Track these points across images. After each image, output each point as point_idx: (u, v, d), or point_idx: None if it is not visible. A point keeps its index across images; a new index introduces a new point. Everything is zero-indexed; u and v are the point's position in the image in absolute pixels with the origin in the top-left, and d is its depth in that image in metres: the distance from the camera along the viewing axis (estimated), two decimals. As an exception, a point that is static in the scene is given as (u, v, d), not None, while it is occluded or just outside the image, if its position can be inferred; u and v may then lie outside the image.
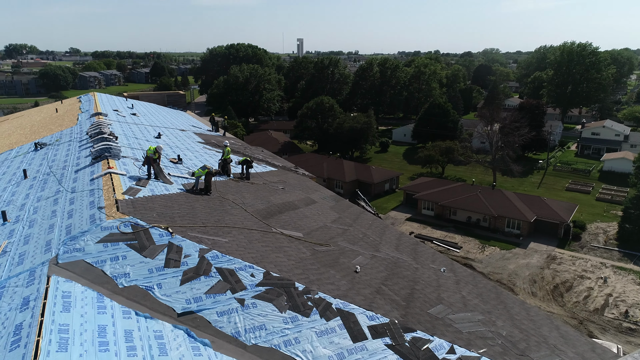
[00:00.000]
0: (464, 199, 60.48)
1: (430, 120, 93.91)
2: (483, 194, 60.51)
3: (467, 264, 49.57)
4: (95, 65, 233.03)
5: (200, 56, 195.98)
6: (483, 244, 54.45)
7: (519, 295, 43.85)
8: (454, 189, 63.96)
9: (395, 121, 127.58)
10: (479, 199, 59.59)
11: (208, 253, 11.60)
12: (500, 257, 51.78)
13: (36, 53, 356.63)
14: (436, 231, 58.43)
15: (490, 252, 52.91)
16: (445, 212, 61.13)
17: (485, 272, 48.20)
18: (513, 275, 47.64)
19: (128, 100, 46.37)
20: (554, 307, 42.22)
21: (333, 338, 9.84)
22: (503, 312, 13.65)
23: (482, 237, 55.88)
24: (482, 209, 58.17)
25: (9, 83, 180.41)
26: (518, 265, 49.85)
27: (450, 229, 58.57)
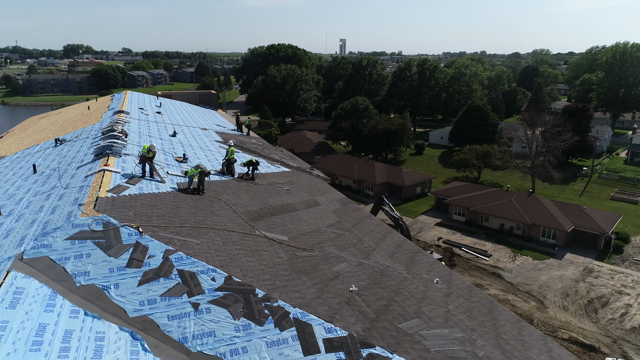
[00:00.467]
0: (497, 206, 58.17)
1: (468, 123, 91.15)
2: (518, 201, 57.97)
3: (496, 273, 47.67)
4: (144, 64, 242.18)
5: (242, 56, 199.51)
6: (515, 253, 52.14)
7: (549, 308, 41.65)
8: (488, 195, 61.67)
9: (434, 123, 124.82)
10: (513, 206, 57.14)
11: (173, 254, 11.47)
12: (532, 267, 49.37)
13: (91, 53, 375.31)
14: (466, 237, 56.50)
15: (521, 261, 50.56)
16: (476, 218, 59.02)
17: (514, 282, 46.15)
18: (544, 287, 45.27)
19: (159, 99, 47.58)
20: (587, 323, 39.74)
21: (283, 349, 9.43)
22: (490, 329, 12.75)
23: (515, 246, 53.53)
24: (516, 216, 55.72)
25: (64, 81, 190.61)
26: (551, 276, 47.34)
27: (481, 236, 56.47)
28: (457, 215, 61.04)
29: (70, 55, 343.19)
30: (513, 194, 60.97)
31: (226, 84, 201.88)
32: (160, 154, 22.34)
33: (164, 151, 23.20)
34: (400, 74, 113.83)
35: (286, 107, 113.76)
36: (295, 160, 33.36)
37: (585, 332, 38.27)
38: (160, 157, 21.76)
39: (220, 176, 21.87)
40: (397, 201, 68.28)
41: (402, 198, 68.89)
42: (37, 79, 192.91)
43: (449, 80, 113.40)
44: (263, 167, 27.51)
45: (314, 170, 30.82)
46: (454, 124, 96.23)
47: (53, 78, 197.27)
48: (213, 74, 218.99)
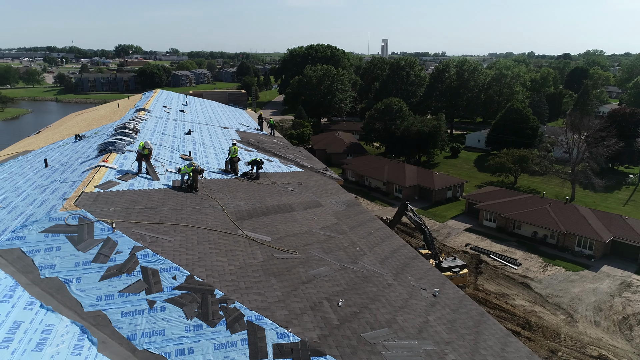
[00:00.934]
0: (530, 212, 55.81)
1: (506, 126, 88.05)
2: (553, 208, 55.39)
3: (524, 283, 45.73)
4: (188, 64, 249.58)
5: (281, 57, 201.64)
6: (546, 263, 49.85)
7: (578, 323, 39.49)
8: (521, 201, 59.30)
9: (473, 126, 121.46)
10: (548, 213, 54.64)
11: (140, 251, 11.55)
12: (564, 278, 46.98)
13: (140, 53, 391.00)
14: (495, 244, 54.55)
15: (553, 272, 48.24)
16: (508, 224, 56.87)
17: (543, 293, 44.09)
18: (575, 300, 42.96)
19: (187, 98, 48.66)
20: (619, 340, 37.35)
21: (230, 352, 9.26)
22: (469, 343, 12.09)
23: (547, 255, 51.17)
24: (550, 224, 53.25)
25: (112, 80, 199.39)
26: (584, 289, 44.87)
27: (511, 244, 54.37)
28: (487, 221, 59.08)
29: (121, 55, 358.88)
30: (548, 200, 58.28)
31: (266, 83, 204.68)
32: (167, 151, 22.77)
33: (173, 149, 23.63)
34: (438, 75, 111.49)
35: (321, 107, 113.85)
36: (312, 161, 33.20)
37: (617, 350, 36.02)
38: (167, 155, 22.16)
39: (223, 175, 22.03)
40: (427, 204, 66.85)
41: (432, 201, 67.39)
42: (88, 78, 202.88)
43: (489, 82, 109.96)
44: (274, 167, 27.53)
45: (328, 171, 30.55)
46: (492, 127, 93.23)
47: (103, 77, 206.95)
48: (254, 73, 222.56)
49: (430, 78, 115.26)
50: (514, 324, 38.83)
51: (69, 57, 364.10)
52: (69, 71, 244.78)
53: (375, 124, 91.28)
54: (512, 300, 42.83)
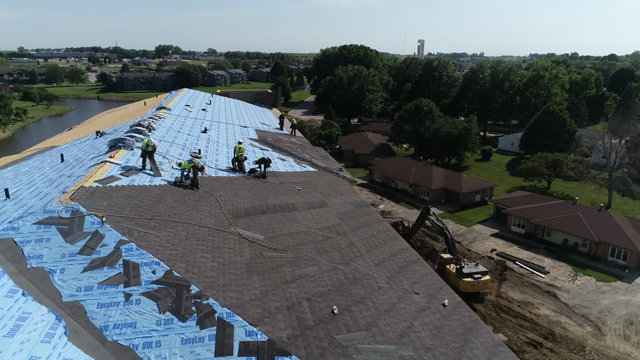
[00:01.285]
0: (561, 219, 53.72)
1: (541, 129, 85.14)
2: (586, 216, 53.12)
3: (550, 292, 44.06)
4: (224, 64, 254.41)
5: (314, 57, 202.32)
6: (576, 272, 47.85)
7: (606, 336, 37.72)
8: (552, 207, 57.17)
9: (508, 129, 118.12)
10: (580, 221, 52.44)
11: (125, 245, 11.84)
12: (594, 289, 44.97)
13: (179, 53, 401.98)
14: (523, 251, 52.82)
15: (583, 281, 46.26)
16: (537, 231, 54.95)
17: (571, 304, 42.36)
18: (605, 312, 41.04)
19: (213, 97, 49.58)
20: (649, 357, 35.44)
21: (196, 348, 9.36)
22: (452, 352, 11.73)
23: (577, 264, 49.12)
24: (582, 232, 51.09)
25: (151, 79, 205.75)
26: (615, 301, 42.80)
27: (540, 251, 52.51)
28: (516, 227, 57.31)
29: (161, 55, 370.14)
30: (581, 207, 55.90)
31: (299, 84, 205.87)
32: (177, 149, 23.26)
33: (184, 146, 24.11)
34: (472, 76, 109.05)
35: (351, 107, 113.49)
36: (328, 161, 33.13)
37: (645, 366, 34.24)
38: (177, 152, 22.65)
39: (230, 173, 22.29)
40: (454, 208, 65.49)
41: (459, 205, 65.96)
42: (128, 77, 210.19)
43: (525, 83, 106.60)
44: (286, 166, 27.65)
45: (342, 171, 30.40)
46: (526, 129, 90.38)
47: (142, 76, 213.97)
48: (288, 74, 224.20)
49: (464, 79, 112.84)
50: (536, 333, 37.53)
51: (112, 57, 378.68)
52: (111, 70, 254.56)
53: (405, 125, 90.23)
54: (536, 310, 41.38)
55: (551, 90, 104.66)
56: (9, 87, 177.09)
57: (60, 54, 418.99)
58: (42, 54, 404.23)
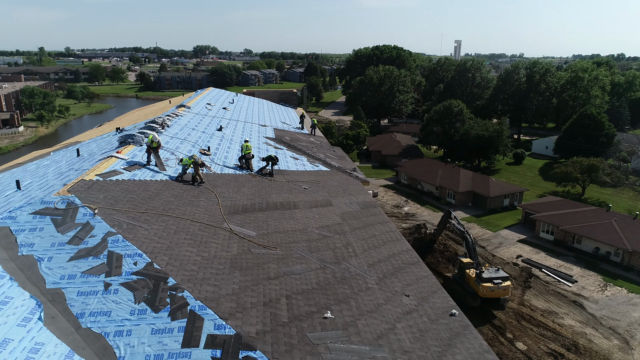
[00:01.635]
0: (593, 227, 51.62)
1: (577, 133, 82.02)
2: (620, 224, 50.85)
3: (577, 302, 42.41)
4: (258, 64, 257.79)
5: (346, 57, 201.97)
6: (606, 282, 45.86)
7: (634, 350, 35.99)
8: (584, 214, 55.02)
9: (544, 132, 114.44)
10: (613, 229, 50.24)
11: (112, 236, 12.23)
12: (624, 300, 42.96)
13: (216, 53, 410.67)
14: (551, 259, 51.06)
15: (613, 292, 44.29)
16: (567, 238, 53.00)
17: (598, 315, 40.64)
18: (634, 326, 39.15)
19: (238, 96, 50.35)
20: (680, 375, 33.60)
21: (165, 338, 9.58)
22: (431, 356, 11.49)
23: (608, 274, 47.07)
24: (614, 240, 48.94)
25: (187, 78, 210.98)
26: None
27: (569, 259, 50.61)
28: (544, 233, 55.45)
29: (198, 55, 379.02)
30: (615, 214, 53.49)
31: (331, 84, 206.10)
32: (188, 145, 23.77)
33: (195, 143, 24.62)
34: (506, 77, 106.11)
35: (381, 108, 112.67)
36: (342, 161, 33.05)
37: (674, 385, 32.46)
38: (187, 149, 23.16)
39: (237, 170, 22.60)
40: (481, 212, 64.00)
41: (486, 209, 64.39)
42: (165, 76, 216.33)
43: (563, 85, 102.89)
44: (298, 165, 27.78)
45: (356, 171, 30.26)
46: (561, 133, 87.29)
47: (178, 75, 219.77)
48: (321, 74, 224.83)
49: (498, 80, 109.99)
50: (558, 344, 36.24)
51: (152, 57, 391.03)
52: (149, 70, 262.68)
53: (434, 126, 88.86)
54: (561, 320, 39.92)
55: (590, 93, 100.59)
56: (54, 86, 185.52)
57: (103, 54, 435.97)
58: (86, 54, 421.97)
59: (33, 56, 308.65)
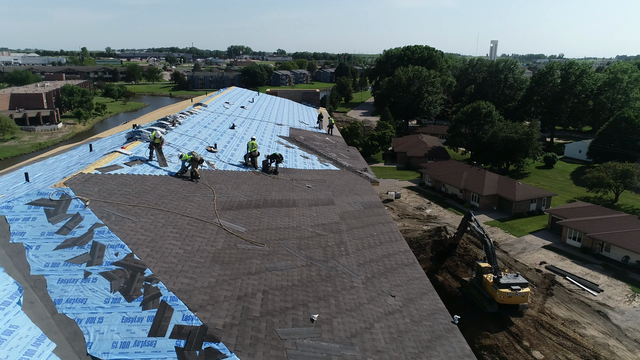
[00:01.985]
0: (623, 234, 49.57)
1: (613, 137, 78.79)
2: (652, 232, 48.61)
3: (601, 312, 40.81)
4: (289, 64, 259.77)
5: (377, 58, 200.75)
6: (635, 292, 43.96)
7: (659, 365, 34.35)
8: (614, 220, 52.90)
9: (579, 135, 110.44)
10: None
11: (98, 227, 12.67)
12: (653, 312, 41.04)
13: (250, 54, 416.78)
14: (576, 266, 49.34)
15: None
16: (595, 245, 51.07)
17: (623, 326, 39.01)
18: (661, 339, 37.35)
19: (260, 95, 50.95)
20: None
21: (133, 327, 9.86)
22: (405, 357, 11.34)
23: (638, 284, 45.09)
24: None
25: (219, 78, 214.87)
26: (676, 328, 38.81)
27: (596, 267, 48.77)
28: (571, 240, 53.61)
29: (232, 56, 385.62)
30: (647, 222, 51.18)
31: (361, 84, 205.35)
32: (196, 142, 24.29)
33: (204, 141, 25.12)
34: (539, 79, 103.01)
35: (410, 109, 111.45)
36: (355, 161, 32.94)
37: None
38: (194, 145, 23.68)
39: (241, 168, 22.92)
40: (506, 216, 62.45)
41: (511, 214, 62.78)
42: (199, 76, 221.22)
43: (600, 87, 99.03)
44: (307, 164, 27.89)
45: (367, 172, 30.12)
46: (596, 136, 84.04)
47: (211, 75, 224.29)
48: (352, 74, 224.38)
49: (531, 82, 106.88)
50: (577, 355, 35.00)
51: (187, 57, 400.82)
52: (184, 70, 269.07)
53: (462, 128, 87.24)
54: (582, 329, 38.52)
55: (630, 95, 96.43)
56: (93, 84, 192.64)
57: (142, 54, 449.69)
58: (125, 54, 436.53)
59: (75, 56, 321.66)
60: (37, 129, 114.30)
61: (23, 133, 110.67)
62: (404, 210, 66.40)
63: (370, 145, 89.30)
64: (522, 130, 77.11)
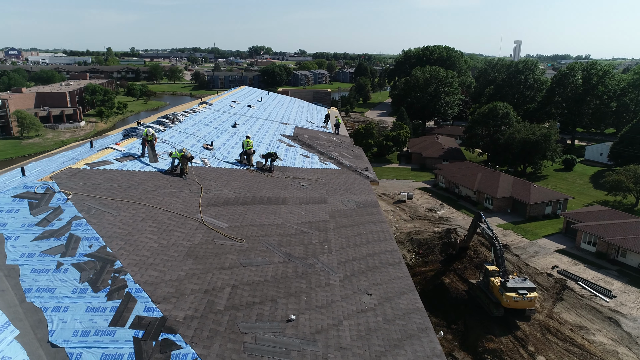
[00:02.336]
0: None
1: (636, 139, 76.60)
2: (670, 238, 47.11)
3: (612, 318, 39.79)
4: (309, 65, 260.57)
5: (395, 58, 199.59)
6: (649, 300, 42.67)
7: (670, 376, 33.29)
8: (632, 225, 51.42)
9: (602, 137, 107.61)
10: (662, 243, 46.63)
11: (77, 220, 13.02)
12: (668, 321, 39.76)
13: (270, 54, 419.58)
14: (590, 271, 48.19)
15: (655, 311, 41.12)
16: (610, 250, 49.78)
17: (634, 334, 37.99)
18: (675, 349, 36.17)
19: (270, 94, 51.30)
20: None
21: (96, 317, 10.13)
22: (370, 354, 11.31)
23: (653, 292, 43.77)
24: (663, 255, 45.43)
25: (239, 78, 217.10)
26: (690, 337, 37.54)
27: (610, 273, 47.55)
28: (586, 244, 52.35)
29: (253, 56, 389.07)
30: (666, 228, 49.54)
31: (380, 84, 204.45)
32: (193, 140, 24.66)
33: (202, 138, 25.48)
34: (560, 80, 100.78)
35: (427, 110, 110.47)
36: (357, 161, 32.88)
37: None
38: (190, 143, 24.04)
39: (236, 165, 23.17)
40: (519, 219, 61.37)
41: (525, 217, 61.65)
42: (218, 76, 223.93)
43: (624, 88, 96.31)
44: (306, 162, 28.00)
45: (367, 171, 30.04)
46: (618, 139, 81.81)
47: (231, 75, 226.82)
48: (371, 74, 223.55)
49: (552, 82, 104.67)
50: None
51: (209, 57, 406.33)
52: (205, 69, 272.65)
53: (478, 129, 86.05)
54: (591, 336, 37.61)
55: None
56: (116, 84, 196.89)
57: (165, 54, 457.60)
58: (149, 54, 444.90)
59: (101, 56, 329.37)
60: (60, 126, 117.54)
61: (47, 130, 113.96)
62: (416, 211, 65.86)
63: (384, 146, 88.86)
64: (539, 131, 75.62)
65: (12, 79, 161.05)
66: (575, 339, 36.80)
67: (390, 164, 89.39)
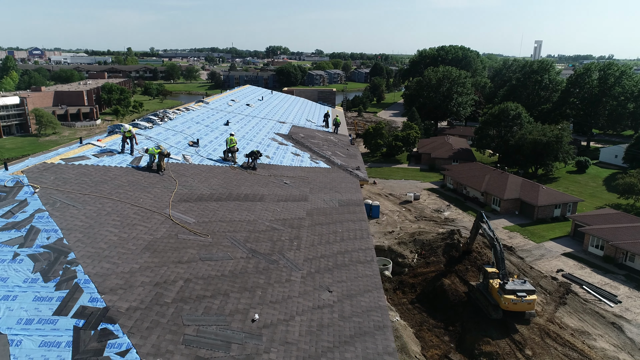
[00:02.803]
0: (648, 244, 46.93)
1: (651, 141, 74.68)
2: (680, 242, 45.78)
3: (616, 324, 38.84)
4: (325, 65, 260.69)
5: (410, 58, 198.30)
6: (656, 306, 41.54)
7: (671, 384, 32.38)
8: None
9: (620, 139, 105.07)
10: (672, 248, 45.36)
11: (39, 213, 13.36)
12: (673, 328, 38.65)
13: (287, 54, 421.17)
14: (596, 275, 47.10)
15: (661, 318, 40.00)
16: (618, 254, 48.60)
17: (638, 340, 37.03)
18: (678, 357, 35.15)
19: (273, 93, 51.57)
20: None
21: (41, 305, 10.39)
22: (316, 350, 11.32)
23: (660, 297, 42.60)
24: (672, 260, 44.18)
25: (254, 78, 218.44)
26: (696, 345, 36.42)
27: (618, 277, 46.43)
28: (593, 248, 51.22)
29: (270, 56, 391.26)
30: (676, 232, 48.14)
31: (395, 85, 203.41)
32: (180, 137, 24.97)
33: (189, 136, 25.78)
34: (576, 80, 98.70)
35: (439, 110, 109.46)
36: (350, 160, 32.83)
37: None
38: (176, 140, 24.36)
39: (219, 163, 23.38)
40: (527, 221, 60.34)
41: (533, 219, 60.57)
42: (234, 75, 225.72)
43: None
44: (295, 161, 28.10)
45: (358, 170, 29.98)
46: (633, 140, 79.79)
47: (246, 75, 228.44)
48: (387, 74, 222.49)
49: (567, 83, 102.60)
50: (582, 367, 33.55)
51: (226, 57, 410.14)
52: (222, 69, 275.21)
53: (489, 130, 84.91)
54: (592, 341, 36.80)
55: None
56: (134, 83, 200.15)
57: (183, 54, 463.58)
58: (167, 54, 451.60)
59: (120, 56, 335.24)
60: (77, 124, 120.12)
61: (64, 128, 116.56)
62: (422, 212, 65.33)
63: (394, 146, 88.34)
64: (550, 133, 74.24)
65: (32, 78, 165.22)
66: (575, 343, 36.05)
67: (400, 164, 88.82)
